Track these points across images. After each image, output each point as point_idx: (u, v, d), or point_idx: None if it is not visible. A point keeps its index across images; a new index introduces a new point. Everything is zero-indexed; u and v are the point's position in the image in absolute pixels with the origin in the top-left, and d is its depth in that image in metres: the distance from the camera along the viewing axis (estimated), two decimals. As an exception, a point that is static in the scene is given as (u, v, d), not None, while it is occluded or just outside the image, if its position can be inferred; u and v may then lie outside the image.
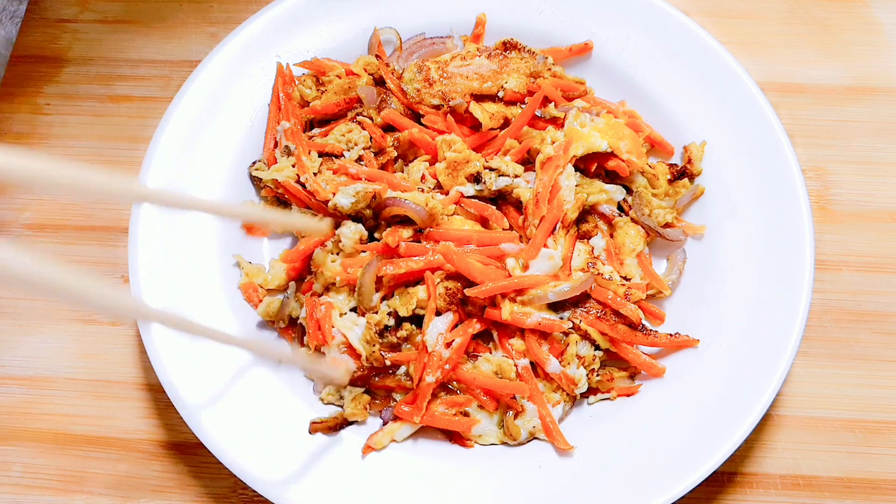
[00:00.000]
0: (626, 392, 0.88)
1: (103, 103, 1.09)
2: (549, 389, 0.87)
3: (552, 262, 0.88)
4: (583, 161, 0.93)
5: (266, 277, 0.91)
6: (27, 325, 0.96)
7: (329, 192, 0.92)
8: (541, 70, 0.99)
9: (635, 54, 0.99)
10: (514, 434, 0.85)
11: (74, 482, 0.89)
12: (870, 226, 1.00)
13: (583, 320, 0.87)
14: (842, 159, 1.04)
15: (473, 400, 0.86)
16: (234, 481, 0.88)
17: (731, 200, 0.92)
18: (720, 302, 0.89)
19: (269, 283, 0.91)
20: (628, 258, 0.93)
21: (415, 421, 0.84)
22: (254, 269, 0.92)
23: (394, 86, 0.99)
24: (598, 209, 0.94)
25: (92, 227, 1.02)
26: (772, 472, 0.89)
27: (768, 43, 1.11)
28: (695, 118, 0.96)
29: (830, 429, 0.91)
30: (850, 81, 1.08)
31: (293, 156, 0.95)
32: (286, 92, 0.98)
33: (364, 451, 0.84)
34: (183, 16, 1.14)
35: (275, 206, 0.97)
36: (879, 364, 0.93)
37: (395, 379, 0.87)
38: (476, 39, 1.02)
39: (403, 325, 0.87)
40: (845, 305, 0.96)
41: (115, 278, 0.98)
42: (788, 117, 1.04)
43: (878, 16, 1.12)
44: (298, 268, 0.92)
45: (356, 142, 0.96)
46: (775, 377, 0.81)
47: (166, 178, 0.91)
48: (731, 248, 0.91)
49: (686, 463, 0.80)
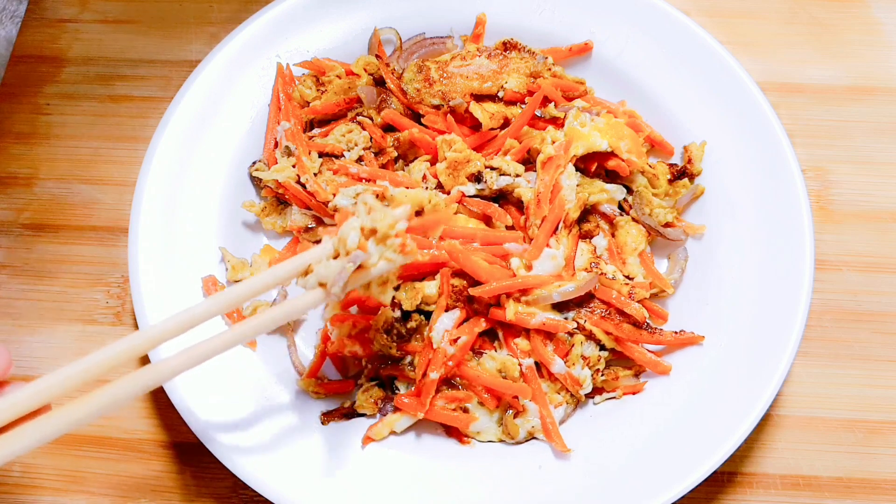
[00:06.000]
0: (632, 390, 0.88)
1: (103, 103, 1.09)
2: (553, 390, 0.87)
3: (555, 262, 0.88)
4: (583, 161, 0.93)
5: (250, 272, 0.92)
6: (27, 325, 0.96)
7: (329, 192, 0.92)
8: (541, 70, 0.99)
9: (635, 54, 0.99)
10: (512, 433, 0.85)
11: (74, 482, 0.89)
12: (870, 226, 1.00)
13: (587, 320, 0.87)
14: (842, 159, 1.04)
15: (474, 396, 0.86)
16: (234, 481, 0.88)
17: (731, 200, 0.92)
18: (720, 302, 0.89)
19: None
20: (630, 257, 0.93)
21: (417, 415, 0.84)
22: (238, 263, 0.92)
23: (394, 86, 0.99)
24: (600, 209, 0.94)
25: (92, 227, 1.02)
26: (772, 472, 0.89)
27: (768, 43, 1.11)
28: (695, 118, 0.96)
29: (830, 429, 0.91)
30: (850, 81, 1.08)
31: (293, 156, 0.95)
32: (286, 92, 0.98)
33: (364, 442, 0.85)
34: (183, 16, 1.14)
35: (275, 206, 0.97)
36: (879, 364, 0.93)
37: (399, 368, 0.87)
38: (476, 39, 1.02)
39: (413, 315, 0.87)
40: (845, 305, 0.96)
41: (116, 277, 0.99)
42: (788, 117, 1.04)
43: (878, 16, 1.12)
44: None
45: (356, 142, 0.96)
46: (775, 377, 0.81)
47: (166, 178, 0.92)
48: (730, 247, 0.91)
49: (686, 463, 0.80)
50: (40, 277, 0.99)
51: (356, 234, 0.68)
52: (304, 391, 0.88)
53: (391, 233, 0.68)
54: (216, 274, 0.91)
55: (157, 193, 0.91)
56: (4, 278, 0.99)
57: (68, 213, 1.02)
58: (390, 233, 0.68)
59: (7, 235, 1.01)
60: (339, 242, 0.68)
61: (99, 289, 0.98)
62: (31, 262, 1.00)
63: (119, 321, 0.96)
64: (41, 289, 0.98)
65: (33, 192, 1.03)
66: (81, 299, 0.98)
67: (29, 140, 1.06)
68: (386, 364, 0.88)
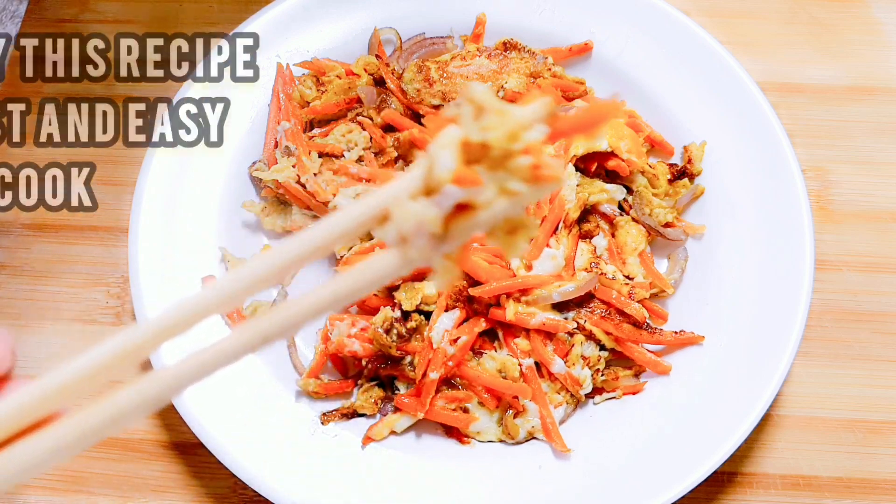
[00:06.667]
0: (632, 390, 0.88)
1: (103, 103, 1.09)
2: (553, 390, 0.87)
3: (555, 262, 0.88)
4: (583, 161, 0.93)
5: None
6: (27, 325, 0.96)
7: (329, 193, 0.92)
8: (541, 70, 0.99)
9: (635, 54, 0.99)
10: (512, 433, 0.85)
11: (74, 482, 0.89)
12: (870, 226, 1.00)
13: (587, 320, 0.88)
14: (842, 159, 1.04)
15: (474, 396, 0.86)
16: (235, 481, 0.88)
17: (731, 200, 0.92)
18: (720, 302, 0.89)
19: None
20: (630, 257, 0.93)
21: (417, 415, 0.84)
22: (238, 263, 0.92)
23: (394, 86, 0.99)
24: (599, 209, 0.94)
25: (92, 226, 1.01)
26: (772, 472, 0.89)
27: (768, 43, 1.11)
28: (695, 118, 0.96)
29: (830, 429, 0.91)
30: (850, 81, 1.08)
31: (293, 156, 0.95)
32: (286, 92, 0.98)
33: (364, 442, 0.85)
34: (183, 16, 1.14)
35: (275, 206, 0.97)
36: (880, 364, 0.93)
37: (399, 368, 0.87)
38: (476, 39, 1.02)
39: (412, 315, 0.87)
40: (845, 305, 0.96)
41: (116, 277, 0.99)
42: (788, 117, 1.03)
43: (878, 16, 1.12)
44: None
45: (356, 142, 0.96)
46: (776, 377, 0.81)
47: (166, 177, 0.92)
48: (730, 248, 0.91)
49: (686, 463, 0.80)
50: (40, 277, 0.99)
51: (451, 155, 0.40)
52: (304, 391, 0.88)
53: (515, 147, 0.40)
54: (216, 274, 0.91)
55: (157, 193, 0.91)
56: (4, 278, 0.99)
57: (68, 213, 1.02)
58: (514, 147, 0.40)
59: (7, 235, 1.01)
60: (426, 172, 0.41)
61: (99, 289, 0.98)
62: (30, 262, 1.00)
63: (119, 321, 0.96)
64: (41, 289, 0.98)
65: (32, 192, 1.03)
66: (81, 299, 0.98)
67: (30, 139, 1.06)
68: (386, 364, 0.88)
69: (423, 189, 0.41)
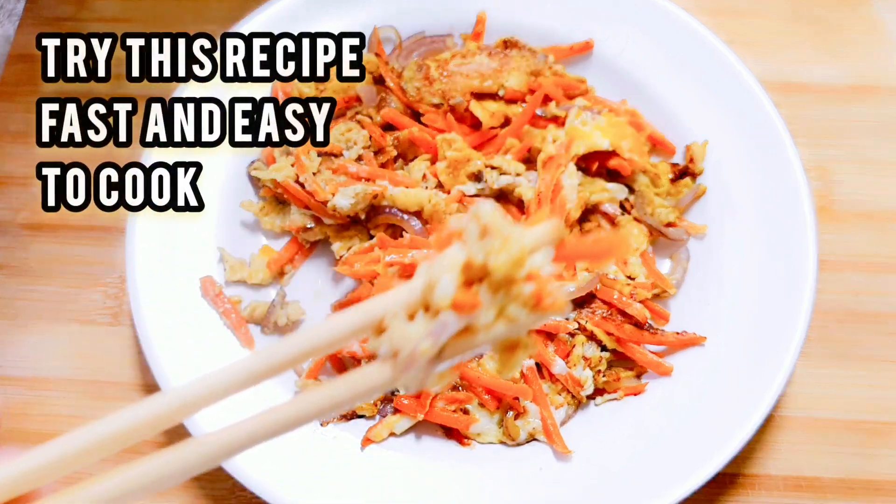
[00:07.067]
0: (634, 391, 0.87)
1: (102, 103, 1.08)
2: (554, 391, 0.86)
3: (555, 262, 0.87)
4: (584, 160, 0.93)
5: (249, 272, 0.91)
6: (24, 326, 0.96)
7: (328, 192, 0.91)
8: (542, 68, 0.98)
9: (637, 53, 0.98)
10: (512, 434, 0.85)
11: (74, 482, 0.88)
12: (873, 225, 0.99)
13: (588, 321, 0.87)
14: (845, 159, 1.03)
15: (474, 398, 0.86)
16: (233, 483, 0.87)
17: (733, 200, 0.92)
18: (722, 302, 0.88)
19: (252, 279, 0.92)
20: (632, 257, 0.92)
21: (417, 416, 0.84)
22: (237, 263, 0.92)
23: (393, 84, 0.98)
24: (601, 208, 0.94)
25: (90, 226, 1.01)
26: (774, 473, 0.89)
27: (771, 42, 1.10)
28: (697, 117, 0.96)
29: (833, 430, 0.90)
30: (853, 80, 1.07)
31: (292, 155, 0.94)
32: (286, 91, 0.98)
33: (363, 444, 0.84)
34: (181, 14, 1.14)
35: (274, 205, 0.96)
36: (882, 365, 0.93)
37: None
38: (476, 38, 1.02)
39: None
40: (848, 306, 0.96)
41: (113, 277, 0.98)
42: (791, 116, 1.03)
43: (881, 15, 1.12)
44: (281, 262, 0.94)
45: (356, 141, 0.95)
46: (778, 378, 0.81)
47: (164, 177, 0.91)
48: (733, 247, 0.90)
49: (688, 464, 0.79)
50: (38, 277, 0.98)
51: (452, 280, 0.40)
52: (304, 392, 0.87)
53: (519, 274, 0.40)
54: (214, 274, 0.90)
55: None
56: (2, 278, 0.99)
57: (66, 213, 1.01)
58: (517, 274, 0.40)
59: (4, 235, 1.01)
60: (426, 288, 0.41)
61: (97, 289, 0.98)
62: (28, 262, 0.99)
63: (117, 321, 0.96)
64: (38, 289, 0.98)
65: (30, 191, 1.03)
66: (79, 299, 0.97)
67: (26, 139, 1.06)
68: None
69: (421, 302, 0.41)
